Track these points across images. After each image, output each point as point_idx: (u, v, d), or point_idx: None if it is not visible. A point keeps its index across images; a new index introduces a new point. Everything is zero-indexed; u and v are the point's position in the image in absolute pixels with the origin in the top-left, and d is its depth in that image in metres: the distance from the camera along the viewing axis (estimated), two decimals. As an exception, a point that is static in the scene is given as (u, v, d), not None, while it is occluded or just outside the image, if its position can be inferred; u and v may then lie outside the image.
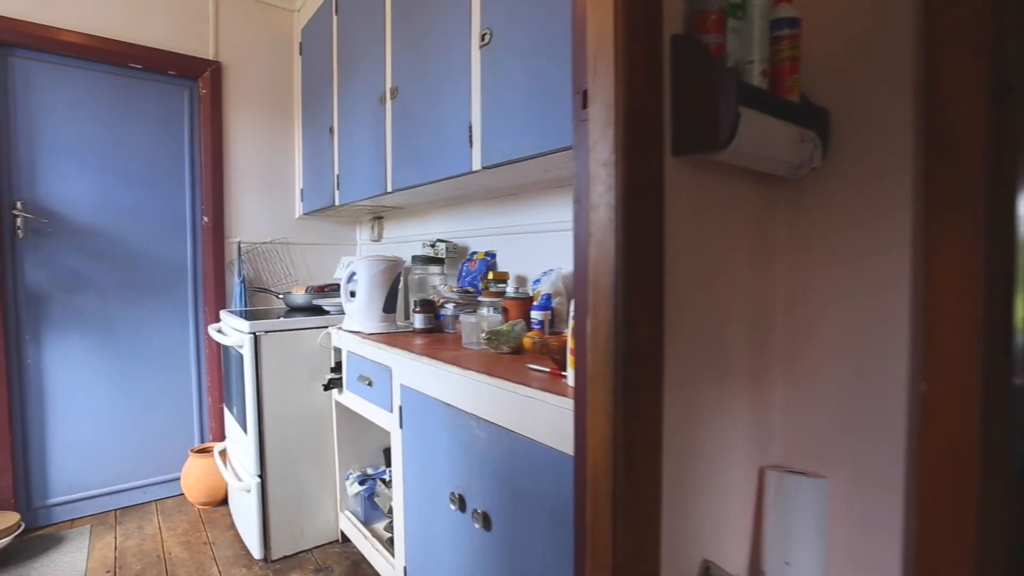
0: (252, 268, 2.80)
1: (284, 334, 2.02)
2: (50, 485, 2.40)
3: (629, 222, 0.75)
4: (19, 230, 2.28)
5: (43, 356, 2.36)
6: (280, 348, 2.02)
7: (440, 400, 1.36)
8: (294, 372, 2.05)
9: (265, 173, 2.85)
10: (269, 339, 1.99)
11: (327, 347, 2.10)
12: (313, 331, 2.09)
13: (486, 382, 1.19)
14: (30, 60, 2.29)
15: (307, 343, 2.08)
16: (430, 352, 1.47)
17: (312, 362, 2.09)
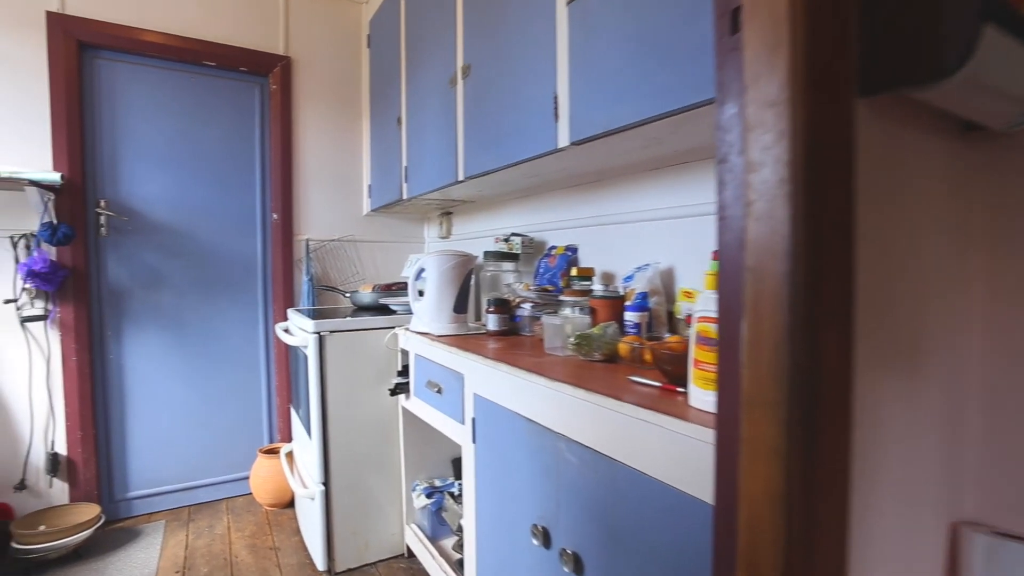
0: (320, 266, 2.75)
1: (350, 334, 1.92)
2: (130, 479, 2.44)
3: (811, 185, 0.53)
4: (102, 228, 2.33)
5: (123, 352, 2.40)
6: (345, 349, 1.91)
7: (520, 415, 1.18)
8: (360, 374, 1.95)
9: (333, 170, 2.80)
10: (334, 339, 1.89)
11: (394, 349, 1.97)
12: (379, 331, 1.97)
13: (579, 397, 0.99)
14: (114, 61, 2.34)
15: (373, 344, 1.96)
16: (508, 358, 1.29)
17: (378, 364, 1.97)
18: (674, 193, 1.48)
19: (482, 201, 2.43)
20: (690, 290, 1.37)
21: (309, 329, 1.87)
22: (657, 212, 1.53)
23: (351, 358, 1.93)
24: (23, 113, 2.14)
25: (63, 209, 2.21)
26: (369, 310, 2.23)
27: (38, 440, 2.22)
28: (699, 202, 1.40)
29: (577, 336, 1.24)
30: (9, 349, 2.16)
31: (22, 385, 2.19)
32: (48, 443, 2.24)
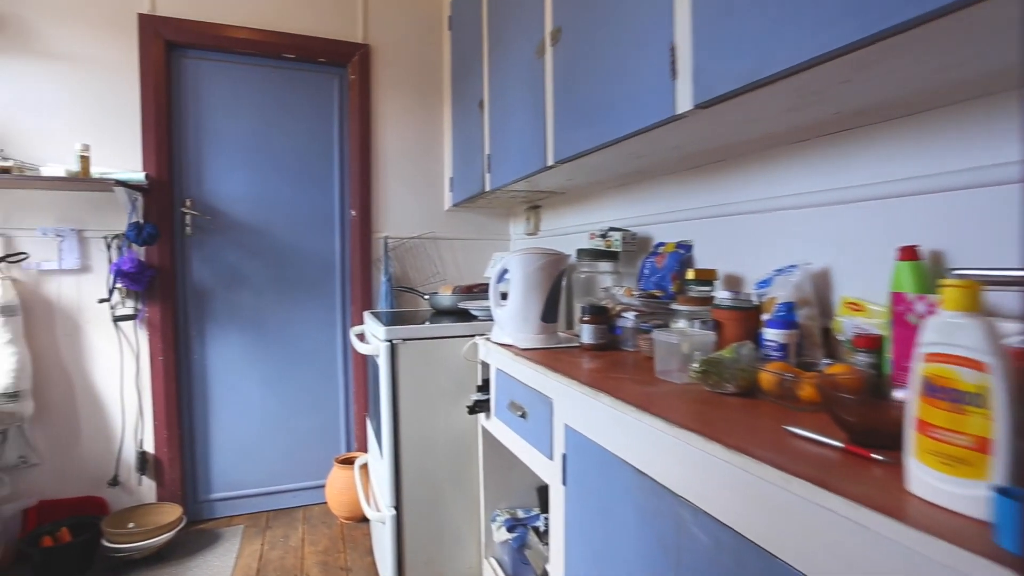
0: (399, 265, 2.64)
1: (425, 343, 1.75)
2: (212, 480, 2.46)
3: None
4: (187, 227, 2.35)
5: (206, 352, 2.42)
6: (420, 359, 1.75)
7: (627, 462, 0.92)
8: (436, 387, 1.77)
9: (413, 163, 2.67)
10: (408, 348, 1.73)
11: (473, 361, 1.78)
12: (458, 340, 1.78)
13: (715, 455, 0.72)
14: (199, 60, 2.36)
15: (451, 354, 1.78)
16: (609, 385, 1.03)
17: (457, 376, 1.79)
18: (828, 172, 1.15)
19: (574, 192, 2.18)
20: (857, 301, 1.03)
21: (381, 336, 1.73)
22: (804, 198, 1.20)
23: (426, 369, 1.76)
24: (116, 115, 2.20)
25: (151, 209, 2.25)
26: (448, 314, 2.07)
27: (129, 438, 2.28)
28: (868, 182, 1.06)
29: (704, 361, 0.96)
30: (104, 347, 2.23)
31: (115, 383, 2.26)
32: (138, 441, 2.29)
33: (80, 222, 2.18)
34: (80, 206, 2.17)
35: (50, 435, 2.19)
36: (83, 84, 2.16)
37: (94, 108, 2.18)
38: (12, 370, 1.99)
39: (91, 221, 2.19)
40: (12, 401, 2.00)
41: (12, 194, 2.09)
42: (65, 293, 2.17)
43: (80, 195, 2.16)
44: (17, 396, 2.01)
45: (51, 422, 2.19)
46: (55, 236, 2.13)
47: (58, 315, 2.17)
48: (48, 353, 2.16)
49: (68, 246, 2.15)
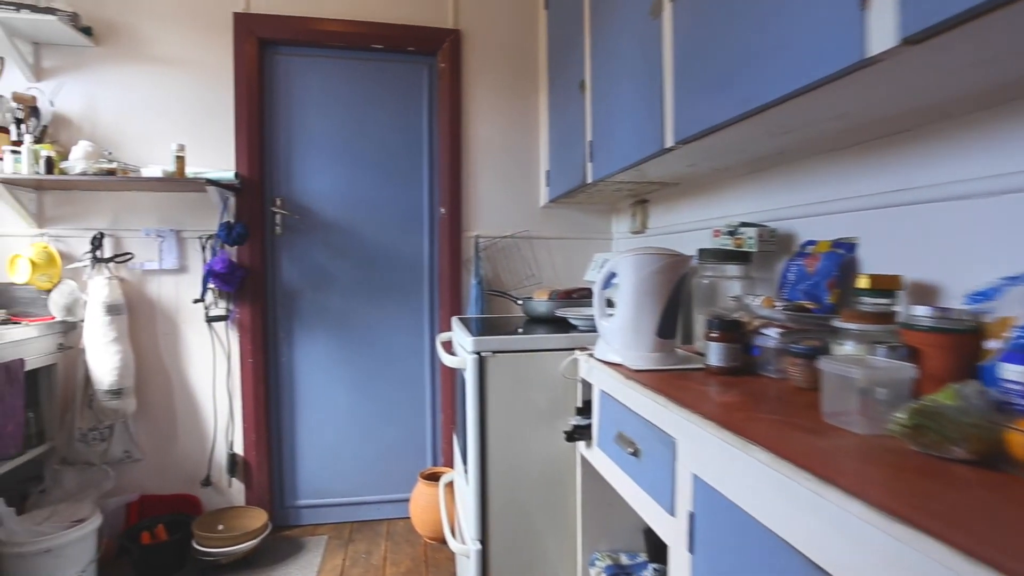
0: (490, 267, 2.49)
1: (518, 357, 1.57)
2: (299, 487, 2.45)
3: None
4: (277, 227, 2.36)
5: (294, 355, 2.42)
6: (512, 374, 1.57)
7: (793, 547, 0.67)
8: (529, 408, 1.58)
9: (506, 155, 2.51)
10: (498, 362, 1.55)
11: (572, 379, 1.57)
12: (555, 354, 1.58)
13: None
14: (290, 56, 2.36)
15: (548, 370, 1.58)
16: (761, 432, 0.78)
17: (553, 394, 1.59)
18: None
19: (691, 182, 1.90)
20: None
21: (468, 348, 1.57)
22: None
23: (519, 386, 1.58)
24: (212, 116, 2.25)
25: (243, 209, 2.27)
26: (544, 323, 1.88)
27: (221, 439, 2.32)
28: None
29: (916, 411, 0.68)
30: (199, 348, 2.28)
31: (209, 383, 2.30)
32: (228, 443, 2.32)
33: (179, 223, 2.24)
34: (179, 207, 2.23)
35: (151, 432, 2.27)
36: (183, 86, 2.23)
37: (192, 110, 2.23)
38: (116, 368, 2.07)
39: (189, 222, 2.24)
40: (116, 398, 2.08)
41: (121, 196, 2.19)
42: (164, 293, 2.25)
43: (178, 196, 2.22)
44: (120, 393, 2.09)
45: (152, 419, 2.27)
46: (156, 236, 2.21)
47: (159, 315, 2.25)
48: (149, 352, 2.24)
49: (168, 246, 2.21)
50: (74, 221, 2.18)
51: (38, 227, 2.15)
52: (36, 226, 2.15)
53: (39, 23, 1.98)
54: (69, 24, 2.01)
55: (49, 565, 1.83)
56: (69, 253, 2.17)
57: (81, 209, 2.18)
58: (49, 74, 2.15)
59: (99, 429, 2.15)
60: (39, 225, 2.16)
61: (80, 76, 2.17)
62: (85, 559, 1.92)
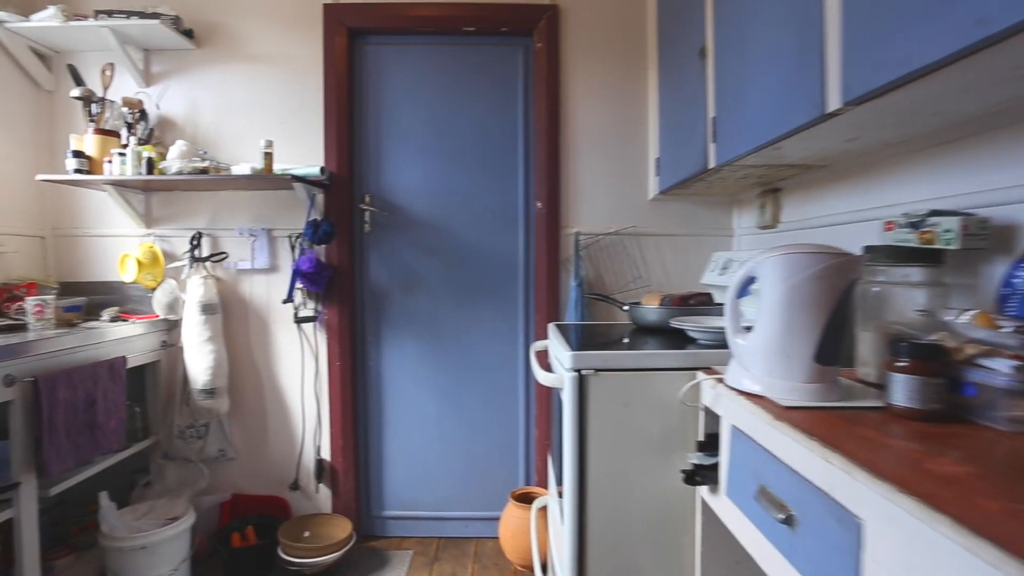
0: (591, 267, 2.24)
1: (625, 376, 1.31)
2: (385, 497, 2.35)
3: None
4: (366, 224, 2.27)
5: (382, 359, 2.32)
6: (618, 396, 1.32)
7: None
8: (638, 437, 1.33)
9: (609, 142, 2.25)
10: (601, 382, 1.31)
11: (694, 406, 1.29)
12: (671, 375, 1.31)
13: None
14: (380, 45, 2.27)
15: (662, 392, 1.32)
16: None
17: (668, 423, 1.32)
18: None
19: (846, 162, 1.54)
20: None
21: (566, 364, 1.34)
22: None
23: (626, 411, 1.32)
24: (302, 112, 2.21)
25: (331, 206, 2.20)
26: (654, 333, 1.61)
27: (309, 443, 2.27)
28: None
29: None
30: (288, 349, 2.25)
31: (297, 386, 2.26)
32: (316, 448, 2.27)
33: (270, 221, 2.22)
34: (270, 205, 2.21)
35: (244, 432, 2.27)
36: (276, 83, 2.20)
37: (284, 106, 2.21)
38: (209, 367, 2.07)
39: (279, 220, 2.22)
40: (209, 397, 2.08)
41: (217, 196, 2.21)
42: (256, 292, 2.23)
43: (269, 194, 2.20)
44: (214, 393, 2.09)
45: (244, 419, 2.27)
46: (249, 236, 2.20)
47: (251, 315, 2.24)
48: (242, 352, 2.24)
49: (260, 245, 2.20)
50: (176, 221, 2.23)
51: (146, 227, 2.22)
52: (144, 226, 2.22)
53: (146, 28, 2.02)
54: (172, 27, 2.04)
55: (144, 562, 1.85)
56: (171, 252, 2.22)
57: (182, 209, 2.23)
58: (157, 79, 2.21)
59: (196, 427, 2.18)
60: (146, 225, 2.22)
61: (183, 79, 2.21)
62: (178, 557, 1.93)
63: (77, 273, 2.24)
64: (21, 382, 1.59)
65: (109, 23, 1.97)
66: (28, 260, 2.16)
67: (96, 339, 1.86)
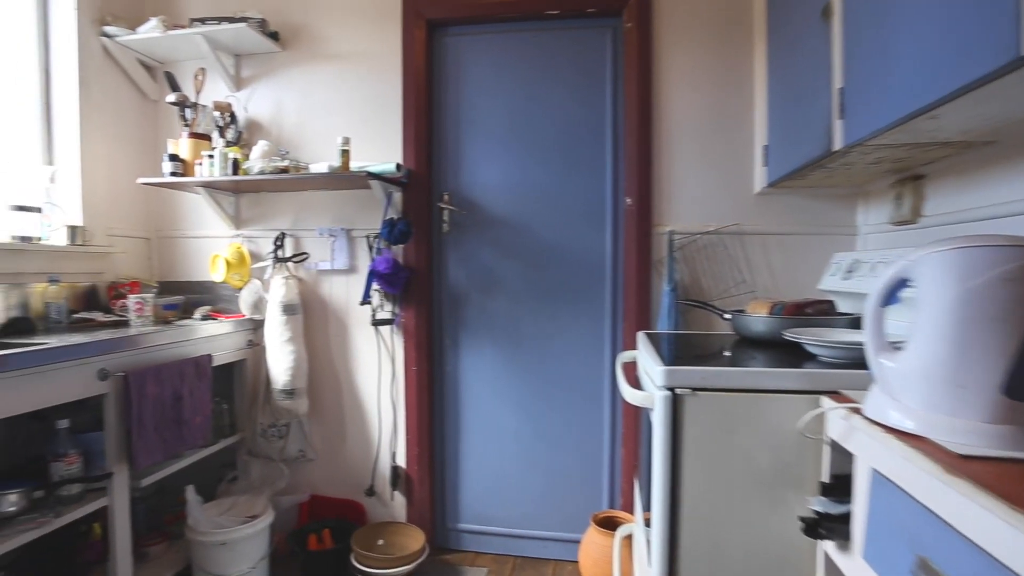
0: (687, 270, 2.01)
1: (728, 397, 1.10)
2: (461, 509, 2.25)
3: None
4: (445, 223, 2.18)
5: (460, 365, 2.22)
6: (719, 420, 1.11)
7: None
8: (744, 471, 1.11)
9: (709, 131, 2.00)
10: (699, 403, 1.11)
11: (816, 438, 1.05)
12: (786, 398, 1.08)
13: None
14: (459, 36, 2.18)
15: (774, 418, 1.09)
16: None
17: (782, 456, 1.09)
18: None
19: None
20: None
21: (657, 380, 1.14)
22: None
23: (729, 439, 1.11)
24: (381, 108, 2.18)
25: (409, 204, 2.14)
26: (762, 346, 1.37)
27: (384, 449, 2.22)
28: None
29: None
30: (366, 352, 2.21)
31: (374, 390, 2.22)
32: (391, 454, 2.21)
33: (350, 221, 2.19)
34: (349, 205, 2.19)
35: (323, 433, 2.27)
36: (356, 81, 2.19)
37: (363, 104, 2.18)
38: (289, 368, 2.07)
39: (359, 220, 2.19)
40: (289, 398, 2.08)
41: (299, 196, 2.22)
42: (336, 293, 2.22)
43: (349, 194, 2.18)
44: (293, 393, 2.09)
45: (323, 421, 2.26)
46: (329, 236, 2.19)
47: (331, 316, 2.23)
48: (321, 353, 2.23)
49: (339, 246, 2.18)
50: (262, 222, 2.27)
51: (235, 228, 2.28)
52: (234, 227, 2.28)
53: (236, 33, 2.06)
54: (258, 30, 2.07)
55: (225, 557, 1.86)
56: (258, 253, 2.26)
57: (268, 210, 2.26)
58: (247, 83, 2.26)
59: (277, 426, 2.19)
60: (236, 226, 2.28)
61: (269, 81, 2.25)
62: (257, 555, 1.93)
63: (176, 273, 2.35)
64: (114, 376, 1.64)
65: (202, 30, 2.03)
66: (135, 260, 2.29)
67: (184, 336, 1.90)
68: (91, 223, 2.10)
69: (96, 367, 1.60)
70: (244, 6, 2.14)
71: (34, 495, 1.55)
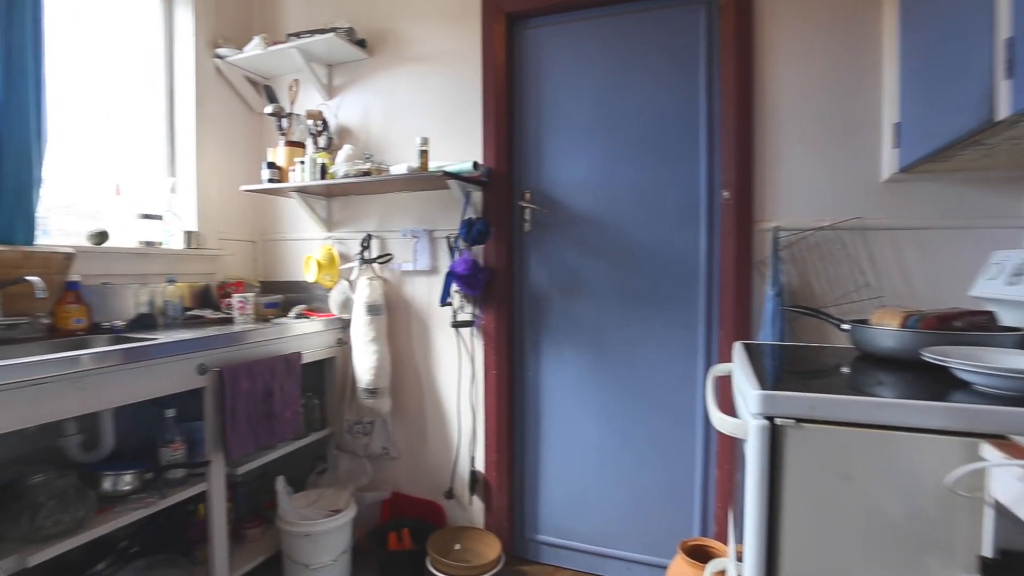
0: (796, 272, 1.70)
1: (845, 433, 0.85)
2: (539, 520, 2.10)
3: None
4: (526, 223, 2.04)
5: (541, 370, 2.07)
6: (833, 460, 0.86)
7: None
8: (866, 526, 0.85)
9: (823, 109, 1.68)
10: (808, 438, 0.86)
11: (972, 497, 0.77)
12: (929, 440, 0.81)
13: None
14: (540, 28, 2.03)
15: (910, 462, 0.82)
16: None
17: (920, 514, 0.82)
18: None
19: None
20: None
21: (753, 406, 0.91)
22: None
23: (845, 484, 0.85)
24: (462, 105, 2.08)
25: (489, 204, 2.02)
26: (893, 367, 1.08)
27: (464, 452, 2.13)
28: None
29: None
30: (446, 354, 2.13)
31: (454, 392, 2.13)
32: (470, 458, 2.11)
33: (431, 222, 2.12)
34: (432, 206, 2.12)
35: (404, 433, 2.22)
36: (437, 80, 2.11)
37: (444, 103, 2.10)
38: (372, 368, 2.04)
39: (440, 221, 2.11)
40: (372, 397, 2.05)
41: (384, 199, 2.19)
42: (418, 294, 2.16)
43: (430, 194, 2.11)
44: (376, 393, 2.05)
45: (405, 420, 2.21)
46: (411, 237, 2.13)
47: (413, 317, 2.17)
48: (404, 354, 2.19)
49: (421, 247, 2.11)
50: (352, 224, 2.27)
51: (327, 231, 2.30)
52: (326, 230, 2.30)
53: (326, 44, 2.08)
54: (346, 38, 2.07)
55: (308, 548, 1.86)
56: (347, 254, 2.26)
57: (356, 213, 2.26)
58: (338, 91, 2.28)
59: (362, 423, 2.17)
60: (328, 229, 2.30)
61: (358, 88, 2.24)
62: (338, 549, 1.91)
63: (277, 273, 2.43)
64: (211, 371, 1.68)
65: (296, 43, 2.06)
66: (242, 261, 2.40)
67: (277, 334, 1.93)
68: (204, 228, 2.22)
69: (196, 362, 1.65)
70: (335, 17, 2.15)
71: (145, 476, 1.63)
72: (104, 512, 1.49)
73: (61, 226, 1.89)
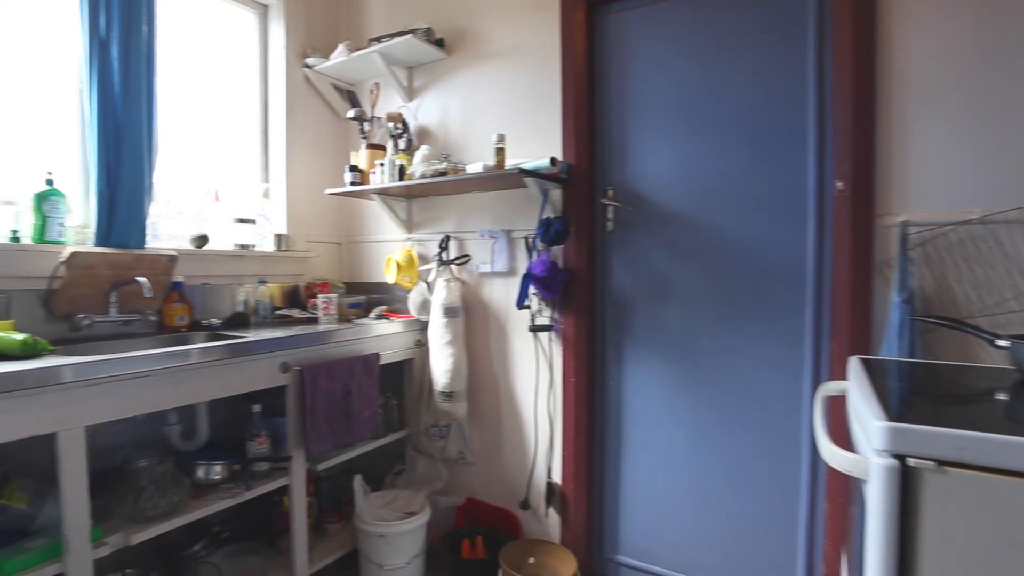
0: (930, 275, 1.42)
1: (1009, 484, 0.65)
2: (619, 539, 1.96)
3: None
4: (608, 222, 1.91)
5: (623, 380, 1.93)
6: (994, 517, 0.67)
7: None
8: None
9: (969, 74, 1.38)
10: (953, 486, 0.68)
11: None
12: None
13: None
14: (622, 12, 1.89)
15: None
16: None
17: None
18: None
19: None
20: None
21: (874, 439, 0.74)
22: None
23: (1008, 548, 0.66)
24: (541, 100, 1.99)
25: (570, 202, 1.92)
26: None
27: (540, 462, 2.03)
28: None
29: None
30: (524, 358, 2.05)
31: (531, 399, 2.04)
32: (547, 469, 2.01)
33: (509, 222, 2.05)
34: (510, 205, 2.04)
35: (481, 438, 2.17)
36: (516, 75, 2.03)
37: (524, 99, 2.02)
38: (448, 371, 2.00)
39: (518, 221, 2.03)
40: (448, 400, 2.02)
41: (462, 199, 2.15)
42: (496, 296, 2.09)
43: (509, 194, 2.03)
44: (451, 396, 2.01)
45: (481, 426, 2.16)
46: (489, 237, 2.07)
47: (491, 319, 2.11)
48: (481, 357, 2.13)
49: (498, 247, 2.05)
50: (431, 225, 2.26)
51: (407, 232, 2.31)
52: (406, 231, 2.31)
53: (406, 46, 2.08)
54: (424, 39, 2.05)
55: (382, 548, 1.86)
56: (426, 255, 2.25)
57: (435, 214, 2.24)
58: (417, 93, 2.28)
59: (438, 426, 2.15)
60: (408, 230, 2.31)
61: (437, 88, 2.22)
62: (412, 552, 1.90)
63: (361, 274, 2.48)
64: (293, 370, 1.73)
65: (377, 48, 2.08)
66: (328, 263, 2.47)
67: (357, 335, 1.95)
68: (293, 231, 2.31)
69: (279, 360, 1.70)
70: (415, 19, 2.15)
71: (233, 468, 1.70)
72: (197, 499, 1.57)
73: (171, 231, 2.03)
